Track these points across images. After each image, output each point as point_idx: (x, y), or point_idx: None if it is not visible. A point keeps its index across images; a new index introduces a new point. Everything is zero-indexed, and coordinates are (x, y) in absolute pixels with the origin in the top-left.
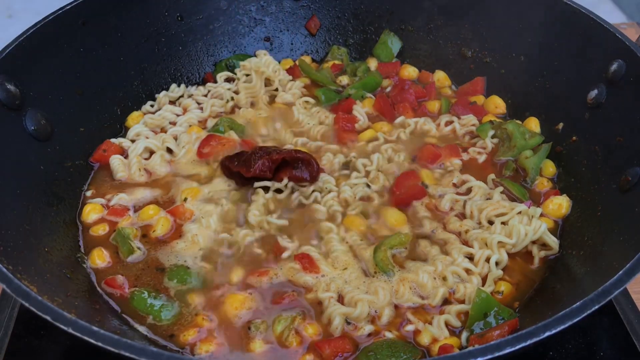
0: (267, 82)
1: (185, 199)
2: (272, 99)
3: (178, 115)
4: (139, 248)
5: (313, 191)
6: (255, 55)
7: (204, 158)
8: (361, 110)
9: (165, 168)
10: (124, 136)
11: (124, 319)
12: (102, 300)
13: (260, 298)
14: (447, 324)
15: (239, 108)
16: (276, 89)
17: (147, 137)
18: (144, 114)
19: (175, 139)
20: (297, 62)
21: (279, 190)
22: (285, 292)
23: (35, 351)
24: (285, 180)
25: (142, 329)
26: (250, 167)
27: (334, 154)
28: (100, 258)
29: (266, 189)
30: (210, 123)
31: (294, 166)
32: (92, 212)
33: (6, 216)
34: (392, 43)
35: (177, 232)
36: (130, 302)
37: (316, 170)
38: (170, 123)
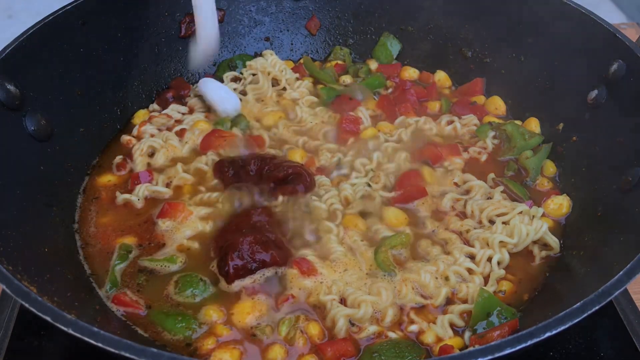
0: (274, 81)
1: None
2: (279, 97)
3: (184, 114)
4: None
5: (311, 197)
6: (255, 55)
7: (206, 151)
8: (365, 113)
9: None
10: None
11: (123, 321)
12: (102, 301)
13: (263, 303)
14: (450, 324)
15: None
16: (284, 88)
17: (152, 135)
18: (150, 112)
19: (180, 135)
20: (301, 61)
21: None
22: (286, 295)
23: (35, 351)
24: (281, 198)
25: (141, 331)
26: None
27: (332, 153)
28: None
29: None
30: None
31: (287, 181)
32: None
33: (6, 216)
34: (392, 45)
35: (174, 237)
36: (147, 317)
37: (309, 181)
38: (176, 121)
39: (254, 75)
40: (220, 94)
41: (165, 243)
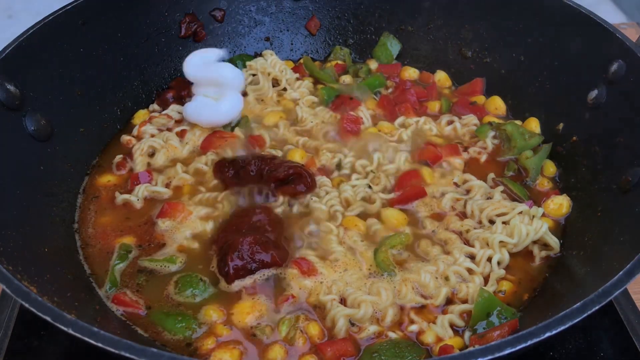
0: (275, 81)
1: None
2: (280, 97)
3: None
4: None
5: (311, 198)
6: (255, 55)
7: (207, 151)
8: (366, 113)
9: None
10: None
11: (123, 321)
12: (102, 301)
13: (263, 303)
14: (450, 324)
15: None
16: (284, 89)
17: (152, 135)
18: (150, 112)
19: (181, 136)
20: (301, 61)
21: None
22: (286, 295)
23: (35, 351)
24: (281, 199)
25: (141, 331)
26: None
27: (333, 153)
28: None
29: None
30: None
31: (288, 182)
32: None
33: (6, 216)
34: (392, 45)
35: (174, 237)
36: (147, 317)
37: (310, 181)
38: (176, 122)
39: (254, 75)
40: (213, 119)
41: (166, 243)
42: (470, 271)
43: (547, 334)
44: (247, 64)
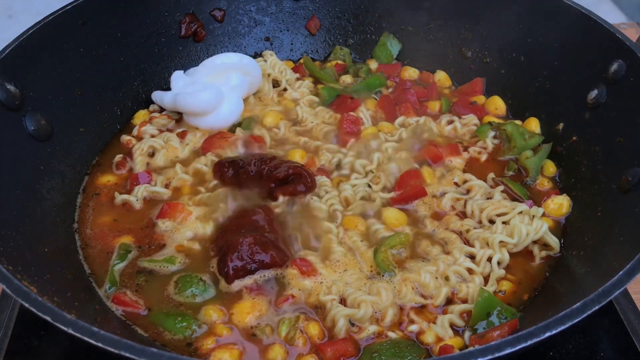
0: (275, 82)
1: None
2: (280, 97)
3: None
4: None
5: (311, 198)
6: (255, 56)
7: (207, 152)
8: (366, 113)
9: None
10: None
11: (123, 321)
12: (102, 301)
13: (263, 303)
14: (450, 324)
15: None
16: (285, 89)
17: (152, 136)
18: (151, 112)
19: (182, 137)
20: (301, 61)
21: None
22: (286, 295)
23: (35, 351)
24: (281, 199)
25: (141, 331)
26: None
27: (333, 153)
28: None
29: None
30: None
31: (288, 182)
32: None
33: (6, 216)
34: (392, 45)
35: (174, 237)
36: (147, 317)
37: (310, 181)
38: (176, 122)
39: None
40: (214, 124)
41: (165, 243)
42: (470, 271)
43: (547, 334)
44: None
